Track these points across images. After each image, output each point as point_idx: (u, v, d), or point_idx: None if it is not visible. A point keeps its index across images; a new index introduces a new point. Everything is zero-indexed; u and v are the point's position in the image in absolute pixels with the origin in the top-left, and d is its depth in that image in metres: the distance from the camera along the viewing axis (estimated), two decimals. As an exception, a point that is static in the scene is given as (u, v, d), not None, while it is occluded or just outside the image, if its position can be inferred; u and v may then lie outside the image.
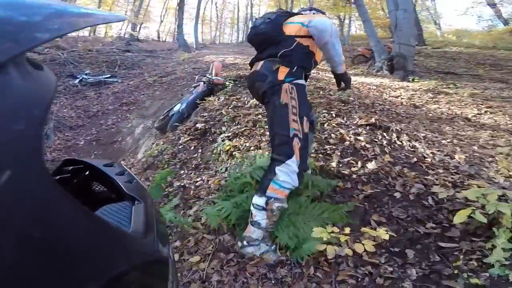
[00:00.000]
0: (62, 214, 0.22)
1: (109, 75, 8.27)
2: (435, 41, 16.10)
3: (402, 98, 5.05)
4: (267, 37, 1.54)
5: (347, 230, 1.70)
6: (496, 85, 6.27)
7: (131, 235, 0.30)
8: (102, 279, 0.23)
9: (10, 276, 0.18)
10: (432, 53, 10.84)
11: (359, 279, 1.50)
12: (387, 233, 1.63)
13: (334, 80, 1.80)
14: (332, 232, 1.63)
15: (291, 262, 1.62)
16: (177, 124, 3.88)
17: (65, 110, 6.10)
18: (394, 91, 5.48)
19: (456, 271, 1.43)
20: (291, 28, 1.52)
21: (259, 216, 1.57)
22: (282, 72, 1.49)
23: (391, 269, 1.51)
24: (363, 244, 1.60)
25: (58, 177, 0.38)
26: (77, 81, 7.56)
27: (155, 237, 0.34)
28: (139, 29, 21.84)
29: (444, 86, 5.90)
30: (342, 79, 1.73)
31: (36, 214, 0.20)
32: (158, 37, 25.11)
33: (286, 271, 1.59)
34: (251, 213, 1.61)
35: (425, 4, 23.13)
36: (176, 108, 4.30)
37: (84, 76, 7.75)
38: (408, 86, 5.93)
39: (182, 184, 2.60)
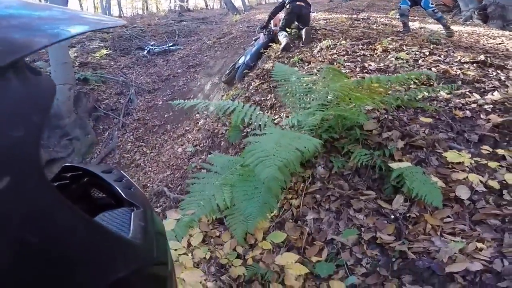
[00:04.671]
0: (61, 220, 0.21)
1: (171, 44, 8.69)
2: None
3: (506, 46, 4.11)
4: None
5: (501, 151, 1.42)
6: None
7: (130, 240, 0.29)
8: (101, 285, 0.23)
9: (6, 282, 0.18)
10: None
11: (505, 220, 1.24)
12: None
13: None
14: (475, 156, 1.37)
15: (407, 197, 1.39)
16: (247, 71, 3.91)
17: (141, 78, 6.70)
18: (493, 39, 4.51)
19: None
20: None
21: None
22: None
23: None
24: (515, 174, 1.29)
25: (57, 183, 0.37)
26: (145, 52, 8.13)
27: (154, 243, 0.33)
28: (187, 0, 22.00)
29: None
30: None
31: (34, 220, 0.19)
32: (206, 5, 25.12)
33: (405, 208, 1.37)
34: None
35: None
36: (241, 61, 4.34)
37: (151, 47, 8.28)
38: (511, 35, 4.83)
39: (260, 123, 2.65)
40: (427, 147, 1.55)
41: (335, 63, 2.97)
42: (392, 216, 1.38)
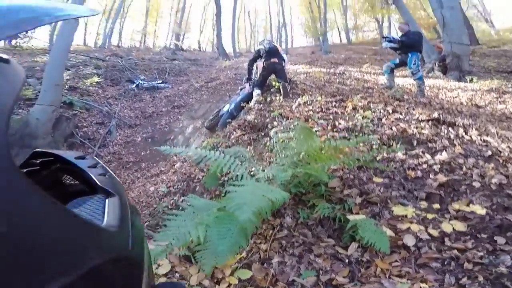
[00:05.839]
0: (31, 207, 0.21)
1: (160, 81, 8.97)
2: (489, 40, 14.83)
3: (460, 99, 4.73)
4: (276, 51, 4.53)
5: (436, 206, 1.63)
6: None
7: (105, 228, 0.29)
8: (74, 273, 0.23)
9: None
10: (488, 52, 9.91)
11: (445, 263, 1.40)
12: (483, 209, 1.54)
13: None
14: (416, 209, 1.58)
15: (361, 244, 1.53)
16: (230, 120, 4.09)
17: (125, 111, 6.77)
18: (451, 92, 5.15)
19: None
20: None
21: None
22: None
23: (480, 254, 1.40)
24: (451, 225, 1.51)
25: (26, 169, 0.37)
26: (134, 85, 8.31)
27: (130, 230, 0.33)
28: (183, 39, 23.14)
29: (510, 86, 5.41)
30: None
31: (3, 207, 0.19)
32: (199, 47, 26.10)
33: (359, 253, 1.52)
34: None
35: (471, 1, 20.30)
36: (226, 108, 4.53)
37: (140, 81, 8.48)
38: (466, 87, 5.57)
39: (237, 174, 2.79)
40: (381, 203, 1.78)
41: (310, 120, 3.30)
42: (347, 261, 1.52)
